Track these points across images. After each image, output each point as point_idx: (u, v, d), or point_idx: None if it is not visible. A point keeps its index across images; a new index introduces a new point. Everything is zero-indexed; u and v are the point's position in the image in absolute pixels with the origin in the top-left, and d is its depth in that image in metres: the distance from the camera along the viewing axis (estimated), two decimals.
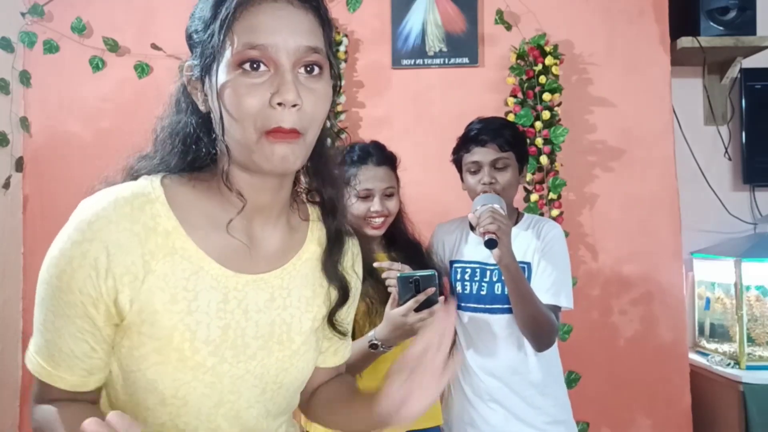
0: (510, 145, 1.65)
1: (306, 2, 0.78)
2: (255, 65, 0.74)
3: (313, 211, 0.95)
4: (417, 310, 1.37)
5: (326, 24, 0.80)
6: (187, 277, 0.78)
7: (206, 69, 0.77)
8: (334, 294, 0.93)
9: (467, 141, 1.69)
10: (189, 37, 0.82)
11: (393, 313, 1.40)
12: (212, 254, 0.80)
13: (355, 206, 1.61)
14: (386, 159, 1.67)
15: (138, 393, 0.80)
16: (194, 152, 0.82)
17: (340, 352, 1.02)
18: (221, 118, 0.76)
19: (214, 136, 0.80)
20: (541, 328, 1.57)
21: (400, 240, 1.72)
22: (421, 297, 1.37)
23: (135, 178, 0.83)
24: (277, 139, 0.75)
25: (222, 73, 0.75)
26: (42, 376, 0.79)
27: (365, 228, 1.62)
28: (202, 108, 0.81)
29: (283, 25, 0.75)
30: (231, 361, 0.81)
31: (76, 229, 0.75)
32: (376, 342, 1.42)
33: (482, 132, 1.66)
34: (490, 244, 1.48)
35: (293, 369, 0.88)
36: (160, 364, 0.78)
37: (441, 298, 1.42)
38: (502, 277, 1.58)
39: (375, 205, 1.61)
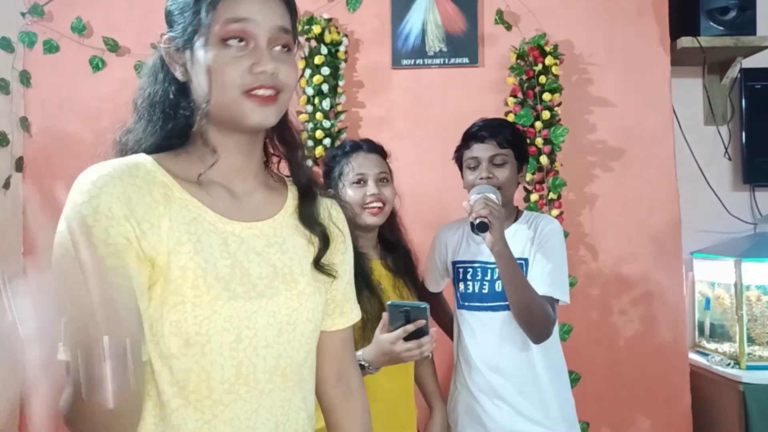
0: (509, 142, 1.69)
1: None
2: (237, 40, 0.85)
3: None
4: (407, 339, 1.36)
5: (293, 12, 0.93)
6: (188, 222, 0.85)
7: (187, 42, 0.86)
8: (317, 241, 0.98)
9: (467, 138, 1.74)
10: (169, 14, 0.90)
11: (382, 338, 1.39)
12: (206, 204, 0.88)
13: (350, 194, 1.59)
14: (377, 148, 1.68)
15: (162, 342, 0.82)
16: (173, 118, 0.89)
17: (346, 313, 1.06)
18: (209, 84, 0.85)
19: (190, 101, 0.89)
20: (535, 316, 1.59)
21: (397, 248, 1.71)
22: (410, 328, 1.36)
23: (124, 154, 0.90)
24: (256, 101, 0.86)
25: (207, 46, 0.85)
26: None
27: (363, 217, 1.59)
28: (180, 77, 0.90)
29: (261, 7, 0.87)
30: (243, 297, 0.85)
31: (80, 193, 0.78)
32: (363, 363, 1.41)
33: (482, 129, 1.71)
34: (482, 227, 1.52)
35: (303, 309, 0.92)
36: (180, 303, 0.81)
37: (433, 330, 1.40)
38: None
39: (370, 188, 1.59)
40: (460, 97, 2.37)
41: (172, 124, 0.89)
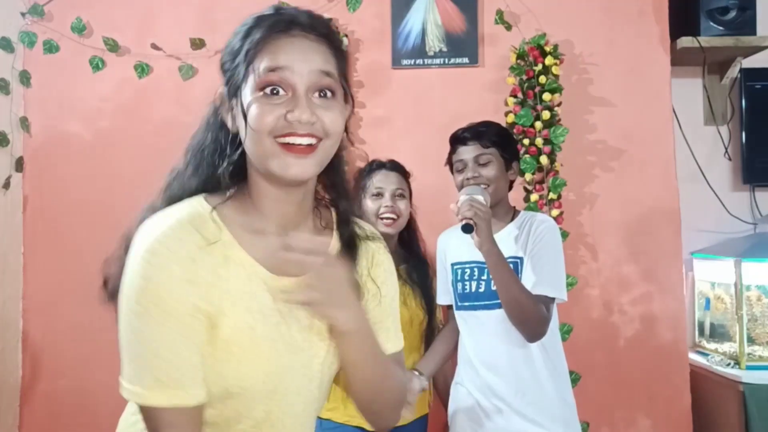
0: (492, 142, 1.74)
1: (320, 36, 0.88)
2: (275, 90, 0.84)
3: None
4: None
5: (339, 54, 0.90)
6: (242, 282, 0.86)
7: (233, 92, 0.87)
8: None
9: (453, 142, 1.80)
10: (222, 66, 0.91)
11: None
12: (259, 260, 0.88)
13: (369, 205, 1.86)
14: (398, 167, 1.94)
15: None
16: (220, 164, 0.89)
17: (390, 340, 1.03)
18: (245, 132, 0.85)
19: (239, 149, 0.89)
20: (526, 315, 1.60)
21: (413, 257, 1.93)
22: None
23: (172, 201, 0.90)
24: (291, 151, 0.84)
25: (247, 96, 0.85)
26: (160, 401, 0.81)
27: (378, 227, 1.81)
28: (230, 127, 0.90)
29: (299, 52, 0.85)
30: (284, 353, 0.88)
31: (147, 251, 0.81)
32: None
33: (465, 132, 1.77)
34: (467, 229, 1.57)
35: (333, 356, 0.94)
36: (226, 361, 0.84)
37: None
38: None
39: (385, 201, 1.85)
40: (460, 97, 2.37)
41: (221, 171, 0.89)
